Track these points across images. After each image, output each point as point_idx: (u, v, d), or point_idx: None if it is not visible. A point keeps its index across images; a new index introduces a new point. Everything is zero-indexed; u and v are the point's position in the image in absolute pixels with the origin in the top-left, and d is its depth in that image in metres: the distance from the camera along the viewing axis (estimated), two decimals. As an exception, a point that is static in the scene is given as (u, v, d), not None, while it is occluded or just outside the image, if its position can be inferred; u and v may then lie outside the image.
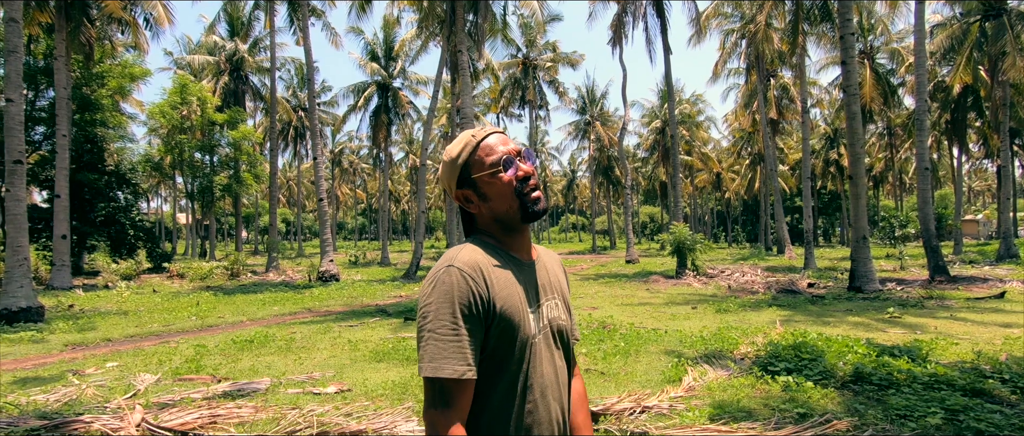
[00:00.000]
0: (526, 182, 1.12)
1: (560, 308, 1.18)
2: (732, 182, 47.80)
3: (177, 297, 13.31)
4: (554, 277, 1.21)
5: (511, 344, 1.05)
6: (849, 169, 11.11)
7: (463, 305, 0.99)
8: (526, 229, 1.16)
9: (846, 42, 11.02)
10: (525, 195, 1.11)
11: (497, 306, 1.03)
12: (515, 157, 1.13)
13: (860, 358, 4.94)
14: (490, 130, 1.17)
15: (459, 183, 1.15)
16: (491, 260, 1.08)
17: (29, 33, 19.73)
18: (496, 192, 1.11)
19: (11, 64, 9.59)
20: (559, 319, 1.17)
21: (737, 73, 29.68)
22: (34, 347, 7.55)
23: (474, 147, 1.13)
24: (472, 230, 1.19)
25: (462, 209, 1.19)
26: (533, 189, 1.12)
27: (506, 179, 1.10)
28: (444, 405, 0.96)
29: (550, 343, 1.13)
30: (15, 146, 9.60)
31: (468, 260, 1.04)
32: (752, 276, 14.86)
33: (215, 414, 4.17)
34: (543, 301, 1.14)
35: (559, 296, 1.20)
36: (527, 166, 1.13)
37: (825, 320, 8.11)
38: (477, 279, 1.02)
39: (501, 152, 1.12)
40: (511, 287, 1.07)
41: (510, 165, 1.11)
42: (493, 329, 1.03)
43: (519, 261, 1.14)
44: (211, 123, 26.34)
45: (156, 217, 58.89)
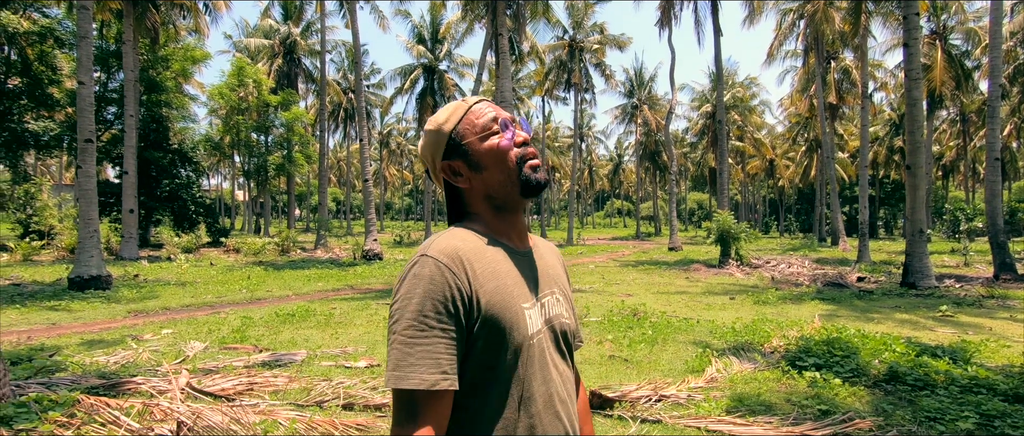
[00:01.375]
0: (524, 148, 0.98)
1: (562, 305, 1.03)
2: (786, 169, 45.97)
3: (231, 270, 14.06)
4: (554, 270, 1.06)
5: (502, 347, 0.88)
6: (908, 158, 10.51)
7: (437, 301, 0.83)
8: (520, 211, 1.01)
9: (909, 22, 10.35)
10: (522, 162, 0.97)
11: (482, 301, 0.87)
12: (510, 122, 1.00)
13: (897, 357, 4.75)
14: (479, 98, 1.03)
15: (446, 153, 0.99)
16: (476, 248, 0.92)
17: (101, 18, 21.03)
18: (490, 158, 0.96)
19: (82, 49, 10.26)
20: (562, 318, 1.01)
21: (794, 55, 28.33)
22: (101, 312, 8.19)
23: (464, 112, 0.99)
24: (458, 214, 1.03)
25: (447, 187, 1.02)
26: (532, 157, 0.98)
27: (503, 143, 0.97)
28: (411, 421, 0.80)
29: (551, 345, 0.97)
30: (86, 126, 10.32)
31: (444, 248, 0.88)
32: (799, 268, 14.35)
33: (253, 381, 4.45)
34: (542, 296, 0.99)
35: (560, 291, 1.04)
36: (524, 132, 1.01)
37: (870, 316, 7.80)
38: (455, 269, 0.86)
39: (493, 114, 0.99)
40: (501, 278, 0.91)
41: (506, 127, 0.98)
42: (478, 329, 0.86)
43: (512, 249, 0.98)
44: (266, 104, 27.39)
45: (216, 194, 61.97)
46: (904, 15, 10.50)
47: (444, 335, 0.82)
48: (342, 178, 62.06)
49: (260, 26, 30.72)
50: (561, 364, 0.99)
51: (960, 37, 24.72)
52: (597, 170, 65.74)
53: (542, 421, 0.91)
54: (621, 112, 40.85)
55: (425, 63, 28.31)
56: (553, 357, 0.97)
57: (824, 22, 21.23)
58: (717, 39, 17.89)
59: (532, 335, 0.92)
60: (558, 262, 1.12)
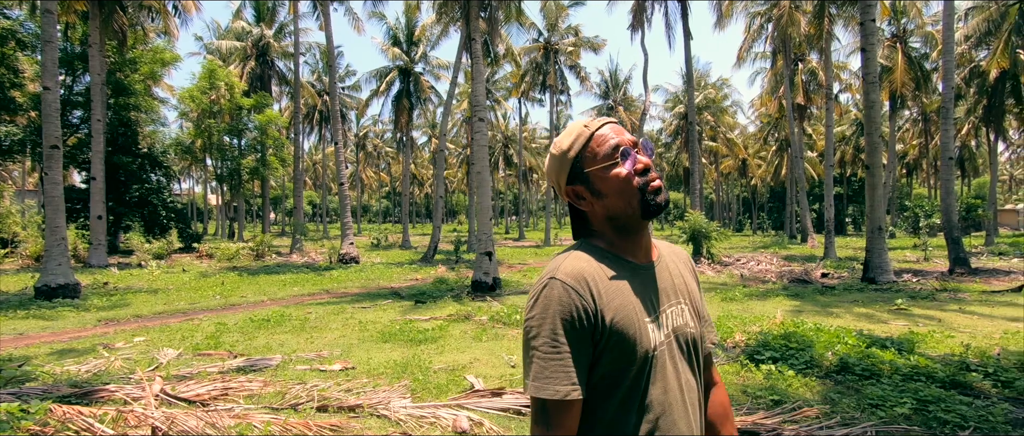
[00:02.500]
0: (646, 175, 1.02)
1: (686, 314, 1.07)
2: (758, 168, 47.00)
3: (204, 277, 13.91)
4: (679, 279, 1.10)
5: (627, 360, 0.96)
6: (867, 158, 10.95)
7: (566, 321, 0.93)
8: (645, 228, 1.06)
9: (866, 29, 10.79)
10: (645, 188, 1.00)
11: (607, 319, 0.95)
12: (631, 148, 1.03)
13: (848, 349, 5.02)
14: (604, 121, 1.07)
15: (570, 178, 1.05)
16: (600, 268, 0.99)
17: (66, 21, 20.53)
18: (612, 187, 1.01)
19: (47, 53, 10.08)
20: (686, 327, 1.05)
21: (763, 57, 29.05)
22: (70, 322, 8.08)
23: (587, 139, 1.04)
24: (583, 231, 1.10)
25: (572, 208, 1.09)
26: (653, 181, 1.01)
27: (624, 172, 1.00)
28: (546, 426, 0.93)
29: (676, 355, 1.02)
30: (52, 132, 10.14)
31: (571, 271, 0.96)
32: (767, 265, 14.78)
33: (227, 387, 4.51)
34: (665, 308, 1.03)
35: (686, 301, 1.08)
36: (645, 158, 1.03)
37: (830, 311, 8.14)
38: (581, 292, 0.94)
39: (616, 142, 1.02)
40: (624, 296, 0.98)
41: (627, 156, 1.01)
42: (604, 343, 0.95)
43: (634, 265, 1.03)
44: (238, 107, 27.03)
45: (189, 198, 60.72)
46: (862, 21, 10.93)
47: (573, 351, 0.92)
48: (318, 181, 61.39)
49: (232, 28, 30.29)
50: (686, 372, 1.03)
51: (919, 40, 25.66)
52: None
53: (660, 426, 0.97)
54: (597, 113, 41.27)
55: (401, 65, 28.25)
56: (678, 366, 1.02)
57: (790, 25, 21.85)
58: (687, 42, 18.29)
59: (654, 347, 0.98)
60: (686, 269, 1.14)
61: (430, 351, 5.85)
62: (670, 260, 1.11)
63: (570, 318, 0.93)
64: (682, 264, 1.14)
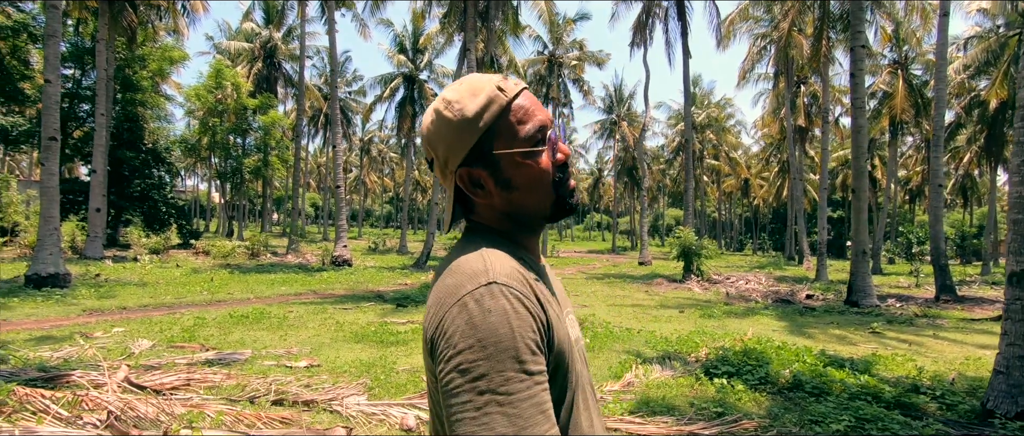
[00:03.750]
0: (565, 170, 0.82)
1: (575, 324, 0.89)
2: (760, 188, 47.04)
3: (196, 273, 14.06)
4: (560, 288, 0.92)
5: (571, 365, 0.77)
6: (853, 182, 11.03)
7: (530, 339, 0.67)
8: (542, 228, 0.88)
9: (855, 54, 10.92)
10: (562, 185, 0.81)
11: (552, 324, 0.74)
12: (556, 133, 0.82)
13: (806, 368, 5.09)
14: (519, 84, 0.81)
15: (469, 157, 0.78)
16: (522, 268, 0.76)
17: (78, 16, 20.94)
18: (528, 179, 0.79)
19: (50, 47, 10.32)
20: (581, 340, 0.88)
21: (766, 78, 29.20)
22: (55, 310, 8.23)
23: (503, 108, 0.77)
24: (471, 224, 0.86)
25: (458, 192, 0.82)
26: (570, 178, 0.83)
27: (545, 163, 0.79)
28: None
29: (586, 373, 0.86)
30: (51, 124, 10.36)
31: (510, 271, 0.73)
32: (755, 285, 14.82)
33: (191, 377, 4.62)
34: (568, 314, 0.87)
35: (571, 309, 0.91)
36: (565, 146, 0.83)
37: (806, 331, 8.19)
38: (530, 297, 0.71)
39: (541, 119, 0.79)
40: (553, 307, 0.78)
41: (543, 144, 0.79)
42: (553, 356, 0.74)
43: (539, 267, 0.85)
44: (244, 108, 27.37)
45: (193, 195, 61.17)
46: (851, 46, 11.06)
47: (543, 377, 0.67)
48: (322, 183, 61.75)
49: (242, 29, 30.73)
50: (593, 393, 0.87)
51: (921, 67, 25.77)
52: (577, 184, 66.34)
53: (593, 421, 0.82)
54: (600, 127, 41.52)
55: (405, 72, 28.58)
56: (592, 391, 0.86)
57: (791, 48, 22.01)
58: (686, 61, 18.47)
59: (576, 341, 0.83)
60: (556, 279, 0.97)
61: (399, 353, 5.95)
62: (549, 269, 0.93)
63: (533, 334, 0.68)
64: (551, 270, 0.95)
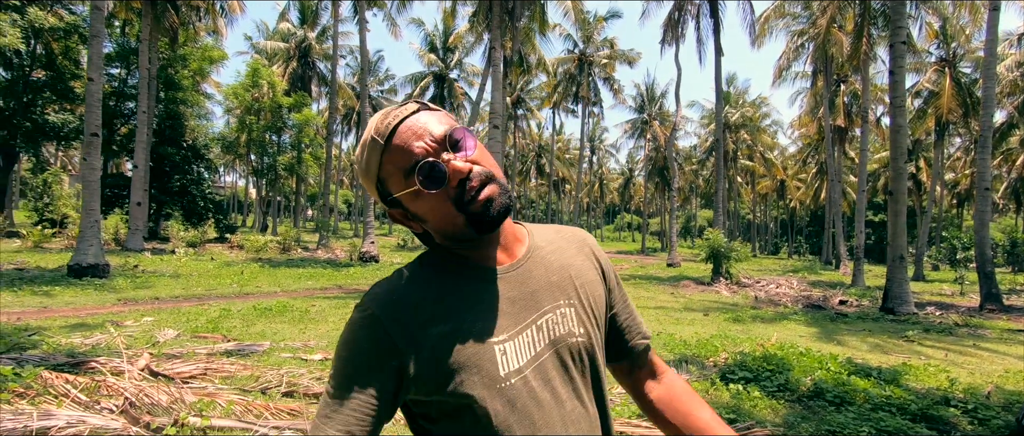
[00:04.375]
0: (464, 186, 0.76)
1: (571, 319, 0.83)
2: (797, 190, 45.71)
3: (228, 266, 14.48)
4: (560, 273, 0.86)
5: (462, 400, 0.74)
6: (891, 184, 10.59)
7: (362, 358, 0.73)
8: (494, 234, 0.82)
9: (895, 51, 10.46)
10: (469, 203, 0.76)
11: (422, 353, 0.74)
12: (437, 157, 0.75)
13: (829, 375, 4.90)
14: (402, 115, 0.77)
15: (384, 201, 0.81)
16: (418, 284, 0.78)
17: (124, 17, 21.83)
18: (427, 211, 0.78)
19: (93, 47, 10.77)
20: (571, 337, 0.82)
21: (803, 77, 28.33)
22: (93, 298, 8.58)
23: (381, 153, 0.77)
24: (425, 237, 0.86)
25: None
26: (479, 189, 0.76)
27: (436, 192, 0.75)
28: None
29: (552, 378, 0.79)
30: (93, 121, 10.81)
31: (381, 296, 0.76)
32: (787, 289, 14.39)
33: (208, 367, 4.74)
34: (535, 318, 0.80)
35: (571, 299, 0.85)
36: (460, 161, 0.76)
37: (835, 338, 7.90)
38: (388, 321, 0.74)
39: (413, 158, 0.75)
40: (454, 320, 0.76)
41: (434, 179, 0.75)
42: (422, 384, 0.74)
43: (487, 272, 0.81)
44: (279, 106, 28.06)
45: (231, 191, 63.10)
46: (891, 42, 10.62)
47: (362, 394, 0.72)
48: (354, 181, 62.82)
49: (279, 29, 31.52)
50: (568, 398, 0.80)
51: (970, 65, 24.58)
52: (607, 183, 65.81)
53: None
54: (631, 127, 41.04)
55: (436, 71, 28.82)
56: (558, 392, 0.79)
57: (830, 45, 21.28)
58: (718, 59, 18.07)
59: (508, 376, 0.76)
60: (578, 254, 0.91)
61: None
62: (551, 250, 0.88)
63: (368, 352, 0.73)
64: (573, 248, 0.91)
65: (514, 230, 0.88)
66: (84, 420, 3.27)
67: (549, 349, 0.80)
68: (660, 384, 0.96)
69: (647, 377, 0.97)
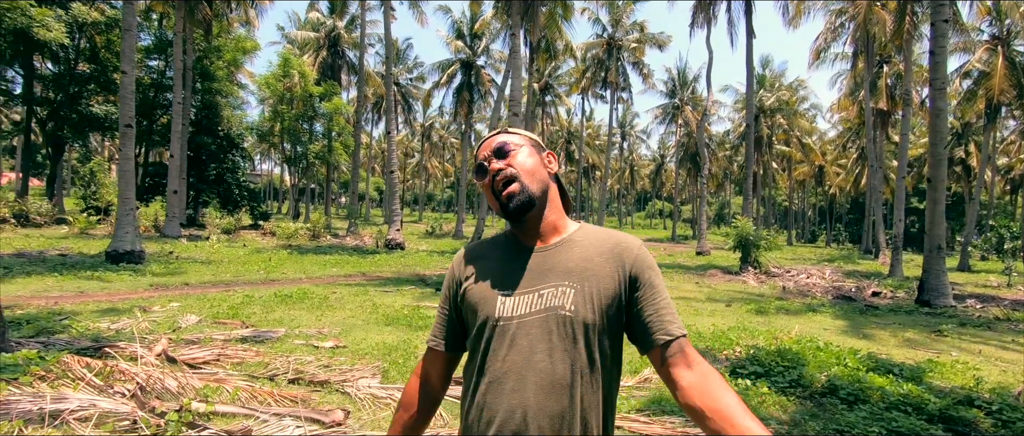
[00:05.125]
0: (494, 180, 1.12)
1: (569, 296, 1.06)
2: (837, 177, 44.15)
3: (258, 252, 14.88)
4: (580, 264, 1.10)
5: (473, 326, 1.11)
6: (928, 171, 10.09)
7: (446, 287, 1.21)
8: (535, 221, 1.14)
9: (937, 30, 9.89)
10: (498, 194, 1.12)
11: (463, 287, 1.15)
12: (487, 159, 1.15)
13: (845, 372, 4.73)
14: (488, 137, 1.20)
15: None
16: (487, 245, 1.20)
17: (161, 11, 22.44)
18: (487, 197, 1.17)
19: (126, 41, 11.12)
20: (561, 310, 1.05)
21: (843, 58, 27.16)
22: (126, 284, 8.94)
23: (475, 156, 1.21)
24: None
25: None
26: (504, 185, 1.11)
27: (484, 184, 1.15)
28: (422, 360, 1.25)
29: (533, 332, 1.04)
30: (127, 112, 11.20)
31: (464, 249, 1.24)
32: (818, 279, 13.95)
33: (223, 354, 4.88)
34: (540, 288, 1.07)
35: (580, 285, 1.07)
36: (497, 162, 1.14)
37: (863, 331, 7.62)
38: (457, 264, 1.20)
39: (479, 157, 1.17)
40: (486, 272, 1.13)
41: (482, 172, 1.15)
42: (462, 310, 1.16)
43: (521, 246, 1.15)
44: (309, 95, 28.54)
45: (268, 179, 64.76)
46: (933, 21, 10.05)
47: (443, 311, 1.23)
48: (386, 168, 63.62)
49: (309, 19, 31.95)
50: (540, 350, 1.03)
51: (1025, 43, 23.09)
52: (639, 170, 64.86)
53: (488, 394, 1.05)
54: (662, 112, 40.25)
55: (463, 58, 28.76)
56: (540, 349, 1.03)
57: (871, 24, 20.31)
58: (749, 41, 17.46)
59: (500, 319, 1.06)
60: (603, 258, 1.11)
61: (424, 338, 6.03)
62: (579, 247, 1.12)
63: (447, 285, 1.21)
64: (601, 251, 1.12)
65: (556, 223, 1.17)
66: (95, 403, 3.41)
67: (542, 313, 1.06)
68: (692, 372, 1.04)
69: (680, 366, 1.05)
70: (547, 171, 1.18)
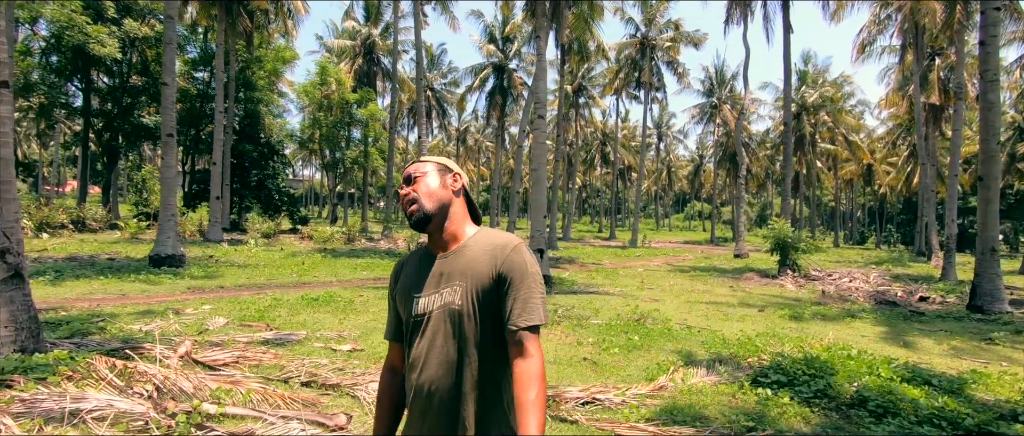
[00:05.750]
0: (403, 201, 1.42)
1: (458, 294, 1.32)
2: (887, 175, 42.16)
3: (294, 256, 15.27)
4: (470, 266, 1.34)
5: (402, 321, 1.43)
6: (980, 168, 9.50)
7: (389, 290, 1.49)
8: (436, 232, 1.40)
9: (988, 18, 9.30)
10: (405, 211, 1.41)
11: (395, 290, 1.45)
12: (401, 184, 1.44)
13: (879, 382, 4.47)
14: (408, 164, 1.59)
15: None
16: (412, 256, 1.47)
17: (206, 25, 23.38)
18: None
19: (168, 54, 11.61)
20: (451, 305, 1.32)
21: (891, 51, 25.92)
22: (165, 287, 9.31)
23: None
24: None
25: None
26: (408, 205, 1.40)
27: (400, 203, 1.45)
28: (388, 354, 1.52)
29: (440, 323, 1.32)
30: (169, 122, 11.68)
31: (399, 259, 1.53)
32: (861, 282, 13.31)
33: (243, 356, 5.00)
34: (439, 287, 1.34)
35: (466, 283, 1.32)
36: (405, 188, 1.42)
37: (905, 339, 7.21)
38: (394, 271, 1.50)
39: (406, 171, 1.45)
40: (407, 277, 1.42)
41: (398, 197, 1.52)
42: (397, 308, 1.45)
43: (429, 256, 1.42)
44: (346, 102, 29.19)
45: (309, 184, 66.57)
46: (982, 9, 9.46)
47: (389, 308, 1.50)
48: (422, 172, 64.29)
49: (345, 28, 32.69)
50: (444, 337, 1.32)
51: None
52: (676, 171, 63.65)
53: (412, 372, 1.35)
54: (699, 111, 39.37)
55: (495, 62, 28.88)
56: (440, 331, 1.32)
57: (920, 14, 19.32)
58: (786, 37, 16.86)
59: (416, 315, 1.36)
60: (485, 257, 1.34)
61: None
62: (470, 252, 1.37)
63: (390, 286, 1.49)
64: (486, 252, 1.35)
65: (455, 233, 1.42)
66: (111, 404, 3.53)
67: (442, 309, 1.33)
68: (523, 362, 1.26)
69: (516, 356, 1.28)
70: (450, 191, 1.43)
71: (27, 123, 42.35)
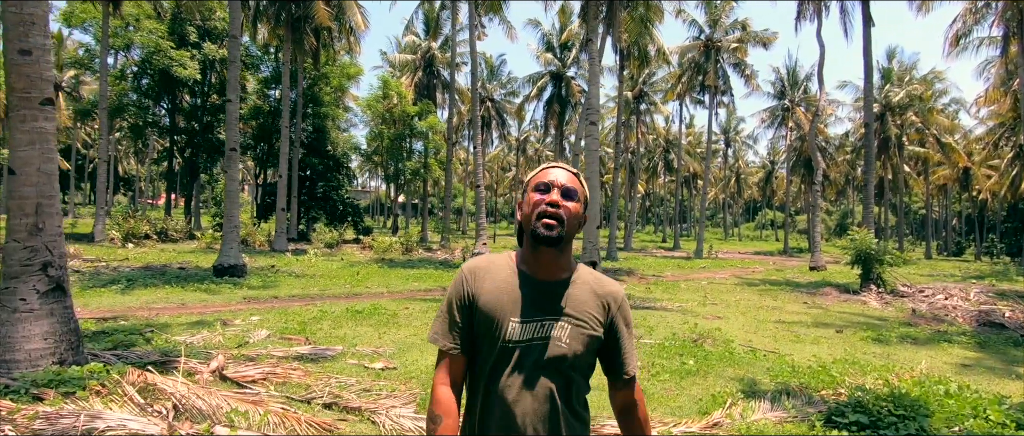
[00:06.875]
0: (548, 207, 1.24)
1: (565, 331, 1.25)
2: (987, 180, 38.21)
3: (351, 266, 15.50)
4: (580, 307, 1.28)
5: (484, 341, 1.26)
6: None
7: (458, 297, 1.29)
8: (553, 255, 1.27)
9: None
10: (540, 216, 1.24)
11: (477, 302, 1.26)
12: (555, 187, 1.26)
13: (987, 427, 3.73)
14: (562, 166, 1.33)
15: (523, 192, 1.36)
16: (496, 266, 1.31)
17: (277, 45, 24.55)
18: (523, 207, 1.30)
19: (231, 72, 12.10)
20: (559, 342, 1.24)
21: (990, 43, 23.42)
22: (223, 297, 9.56)
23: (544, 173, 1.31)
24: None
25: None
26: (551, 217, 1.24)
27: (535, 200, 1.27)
28: (438, 365, 1.31)
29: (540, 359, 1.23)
30: (233, 137, 12.15)
31: (474, 264, 1.33)
32: (960, 300, 11.83)
33: (272, 372, 4.89)
34: (542, 318, 1.25)
35: (574, 324, 1.26)
36: (562, 199, 1.25)
37: (1017, 371, 6.19)
38: (469, 277, 1.29)
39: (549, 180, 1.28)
40: (498, 293, 1.26)
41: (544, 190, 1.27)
42: (475, 323, 1.27)
43: (528, 277, 1.29)
44: (407, 115, 29.80)
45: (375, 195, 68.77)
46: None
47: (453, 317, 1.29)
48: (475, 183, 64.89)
49: (407, 43, 33.50)
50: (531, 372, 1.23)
51: None
52: (746, 178, 60.76)
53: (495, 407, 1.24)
54: (770, 115, 37.34)
55: (553, 70, 28.61)
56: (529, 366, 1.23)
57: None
58: (867, 31, 15.48)
59: (512, 341, 1.23)
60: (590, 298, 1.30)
61: (480, 360, 5.72)
62: (582, 290, 1.30)
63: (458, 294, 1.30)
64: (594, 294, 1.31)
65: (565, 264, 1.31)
66: (125, 424, 3.44)
67: (542, 341, 1.24)
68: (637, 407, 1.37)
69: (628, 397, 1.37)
70: (585, 216, 1.33)
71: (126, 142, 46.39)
